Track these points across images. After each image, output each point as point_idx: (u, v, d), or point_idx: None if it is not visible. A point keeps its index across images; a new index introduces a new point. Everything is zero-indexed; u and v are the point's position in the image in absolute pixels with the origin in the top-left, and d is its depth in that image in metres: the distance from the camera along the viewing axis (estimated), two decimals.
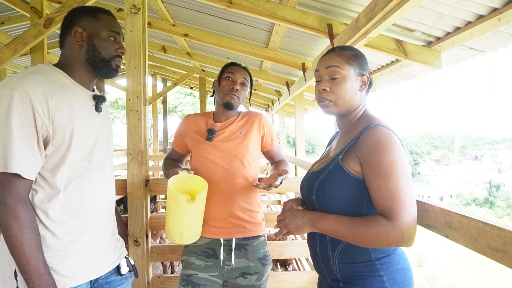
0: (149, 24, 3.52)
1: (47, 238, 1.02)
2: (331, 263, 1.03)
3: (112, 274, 1.20)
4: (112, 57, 1.15)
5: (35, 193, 1.03)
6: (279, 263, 3.45)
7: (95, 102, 1.17)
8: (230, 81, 1.53)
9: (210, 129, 1.53)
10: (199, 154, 1.53)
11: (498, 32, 1.99)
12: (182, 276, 1.45)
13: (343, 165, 0.99)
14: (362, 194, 0.97)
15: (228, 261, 1.45)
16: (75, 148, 1.07)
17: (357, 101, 1.08)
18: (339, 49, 1.09)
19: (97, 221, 1.14)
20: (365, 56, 1.11)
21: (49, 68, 1.10)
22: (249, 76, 1.60)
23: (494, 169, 52.26)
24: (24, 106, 0.96)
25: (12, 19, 3.98)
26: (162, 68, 7.03)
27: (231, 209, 1.47)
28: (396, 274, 0.97)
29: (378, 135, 0.94)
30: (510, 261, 0.72)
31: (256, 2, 2.36)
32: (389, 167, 0.90)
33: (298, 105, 4.95)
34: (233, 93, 1.51)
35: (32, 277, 0.94)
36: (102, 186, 1.17)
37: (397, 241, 0.88)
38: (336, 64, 1.05)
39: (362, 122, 1.05)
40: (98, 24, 1.13)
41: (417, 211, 0.91)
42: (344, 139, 1.08)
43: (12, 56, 2.51)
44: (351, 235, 0.93)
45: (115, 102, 22.63)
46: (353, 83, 1.05)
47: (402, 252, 1.03)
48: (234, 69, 1.55)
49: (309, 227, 1.01)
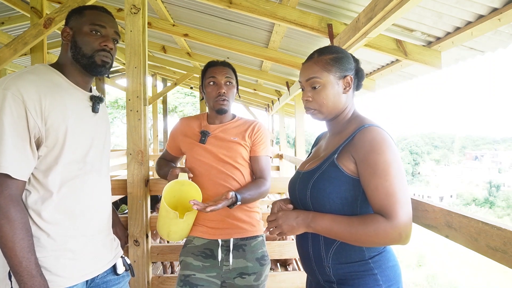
0: (149, 24, 3.52)
1: (42, 239, 1.01)
2: (325, 264, 1.02)
3: (109, 273, 1.20)
4: (95, 52, 1.10)
5: (29, 194, 1.02)
6: (279, 263, 3.44)
7: (92, 103, 1.16)
8: (215, 85, 1.48)
9: (203, 131, 1.52)
10: (193, 156, 1.52)
11: (498, 32, 1.99)
12: (180, 276, 1.45)
13: (338, 164, 0.99)
14: (357, 193, 0.98)
15: (226, 261, 1.45)
16: (69, 149, 1.05)
17: (343, 104, 1.08)
18: (317, 55, 1.08)
19: (93, 222, 1.13)
20: (347, 55, 1.09)
21: (44, 68, 1.09)
22: (232, 71, 1.54)
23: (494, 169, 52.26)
24: (16, 106, 0.95)
25: (12, 19, 3.98)
26: (162, 68, 7.04)
27: (228, 209, 1.46)
28: (388, 272, 0.98)
29: (373, 135, 0.95)
30: (510, 261, 0.72)
31: (256, 2, 2.36)
32: (386, 166, 0.91)
33: (298, 105, 4.95)
34: (221, 98, 1.47)
35: (23, 278, 0.94)
36: (97, 187, 1.16)
37: (395, 239, 0.88)
38: (313, 75, 1.06)
39: (353, 122, 1.06)
40: (81, 20, 1.11)
41: (417, 211, 0.92)
42: (336, 139, 1.07)
43: (12, 56, 2.51)
44: (348, 234, 0.93)
45: (115, 102, 22.62)
46: (334, 88, 1.05)
47: (391, 249, 1.04)
48: (215, 71, 1.50)
49: (304, 227, 1.00)
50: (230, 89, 1.51)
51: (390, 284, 0.97)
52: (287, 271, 3.12)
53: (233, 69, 1.57)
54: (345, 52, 1.10)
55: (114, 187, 1.86)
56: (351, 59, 1.10)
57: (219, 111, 1.50)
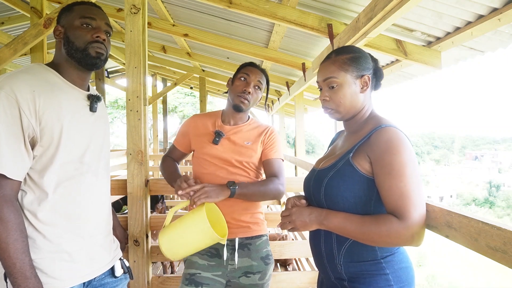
0: (149, 24, 3.52)
1: (37, 240, 1.00)
2: (337, 261, 1.02)
3: (107, 276, 1.18)
4: (88, 44, 1.08)
5: (24, 194, 1.00)
6: (279, 263, 3.45)
7: (89, 102, 1.14)
8: (244, 82, 1.48)
9: (217, 131, 1.49)
10: (204, 155, 1.50)
11: (498, 32, 1.99)
12: (185, 275, 1.45)
13: (354, 163, 0.99)
14: (371, 193, 0.97)
15: (232, 260, 1.45)
16: (64, 149, 1.04)
17: (361, 103, 1.08)
18: (335, 54, 1.09)
19: (90, 223, 1.11)
20: (365, 55, 1.09)
21: (40, 68, 1.08)
22: (266, 79, 1.54)
23: (494, 169, 52.25)
24: (10, 105, 0.94)
25: (12, 19, 3.98)
26: (162, 68, 7.03)
27: (233, 212, 1.46)
28: (400, 273, 0.98)
29: (390, 135, 0.95)
30: (510, 261, 0.72)
31: (256, 2, 2.36)
32: (401, 167, 0.91)
33: (298, 105, 4.95)
34: (244, 96, 1.46)
35: (17, 280, 0.92)
36: (94, 188, 1.14)
37: (407, 240, 0.89)
38: (330, 75, 1.06)
39: (370, 122, 1.05)
40: (70, 16, 1.10)
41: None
42: (352, 138, 1.07)
43: (12, 56, 2.51)
44: (360, 233, 0.93)
45: (115, 102, 22.63)
46: (352, 88, 1.05)
47: (405, 251, 1.04)
48: (250, 70, 1.49)
49: (317, 224, 1.01)
50: (256, 93, 1.50)
51: (402, 286, 0.97)
52: (287, 271, 3.12)
53: (268, 78, 1.56)
54: (363, 52, 1.09)
55: (114, 187, 1.86)
56: (369, 58, 1.09)
57: (236, 107, 1.49)
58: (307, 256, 2.10)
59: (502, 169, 52.16)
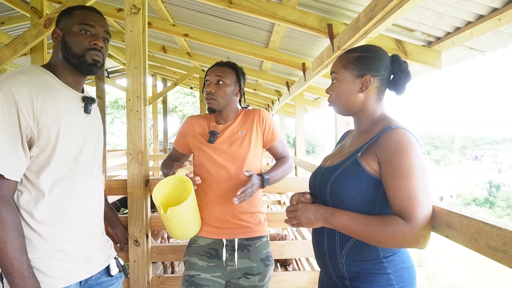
0: (149, 24, 3.52)
1: (34, 240, 1.01)
2: (339, 260, 1.03)
3: (103, 275, 1.20)
4: (85, 51, 1.09)
5: (20, 194, 1.01)
6: (279, 263, 3.45)
7: (84, 104, 1.16)
8: (207, 85, 1.52)
9: (212, 131, 1.52)
10: (201, 156, 1.53)
11: (498, 32, 1.99)
12: (184, 276, 1.45)
13: (361, 162, 0.99)
14: (377, 194, 0.97)
15: (231, 261, 1.45)
16: (60, 150, 1.05)
17: (360, 103, 1.07)
18: (345, 53, 1.11)
19: (85, 222, 1.13)
20: (378, 55, 1.06)
21: (37, 69, 1.09)
22: (230, 70, 1.53)
23: (494, 169, 52.24)
24: (8, 106, 0.95)
25: (12, 19, 3.98)
26: (162, 68, 7.04)
27: (233, 210, 1.46)
28: (402, 272, 0.98)
29: (399, 137, 0.95)
30: (510, 261, 0.72)
31: (256, 2, 2.36)
32: (409, 169, 0.91)
33: (298, 105, 4.95)
34: (208, 97, 1.49)
35: (15, 280, 0.93)
36: (89, 188, 1.15)
37: (413, 242, 0.88)
38: (333, 69, 1.12)
39: (380, 123, 1.05)
40: (70, 20, 1.11)
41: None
42: (361, 138, 1.07)
43: (12, 56, 2.51)
44: (365, 233, 0.93)
45: (115, 102, 22.62)
46: (349, 86, 1.06)
47: (407, 251, 1.04)
48: (209, 72, 1.54)
49: (322, 222, 1.01)
50: (220, 88, 1.49)
51: (403, 285, 0.97)
52: (287, 271, 3.12)
53: (234, 68, 1.56)
54: (377, 53, 1.06)
55: (114, 187, 1.86)
56: (384, 60, 1.06)
57: (208, 110, 1.54)
58: (307, 256, 2.10)
59: (502, 169, 52.14)
